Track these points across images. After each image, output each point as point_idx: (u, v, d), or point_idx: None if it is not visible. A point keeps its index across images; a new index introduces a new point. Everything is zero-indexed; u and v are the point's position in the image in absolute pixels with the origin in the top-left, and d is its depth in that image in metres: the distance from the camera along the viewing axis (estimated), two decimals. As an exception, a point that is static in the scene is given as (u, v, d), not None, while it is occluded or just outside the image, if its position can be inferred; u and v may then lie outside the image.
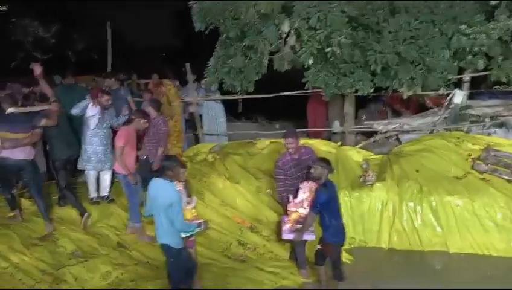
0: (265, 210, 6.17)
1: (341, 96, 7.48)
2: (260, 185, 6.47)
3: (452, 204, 5.70)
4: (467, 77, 7.23)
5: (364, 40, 6.22)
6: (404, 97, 6.75)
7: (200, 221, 4.67)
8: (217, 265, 5.31)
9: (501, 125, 7.23)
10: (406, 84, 6.31)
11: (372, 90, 6.62)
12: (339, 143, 7.51)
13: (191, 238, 4.71)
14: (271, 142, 7.49)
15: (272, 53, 6.69)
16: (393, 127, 7.84)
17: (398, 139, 7.88)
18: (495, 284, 4.97)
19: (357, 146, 7.60)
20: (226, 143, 8.08)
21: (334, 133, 8.04)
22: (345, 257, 5.31)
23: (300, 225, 4.80)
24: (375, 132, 7.94)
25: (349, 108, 7.78)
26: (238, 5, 6.38)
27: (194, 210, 4.79)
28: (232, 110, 9.24)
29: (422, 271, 5.29)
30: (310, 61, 6.33)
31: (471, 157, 6.32)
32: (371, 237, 5.90)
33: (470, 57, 6.41)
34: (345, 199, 5.90)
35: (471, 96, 7.62)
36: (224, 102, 8.76)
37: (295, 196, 4.97)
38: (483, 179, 5.96)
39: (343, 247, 4.96)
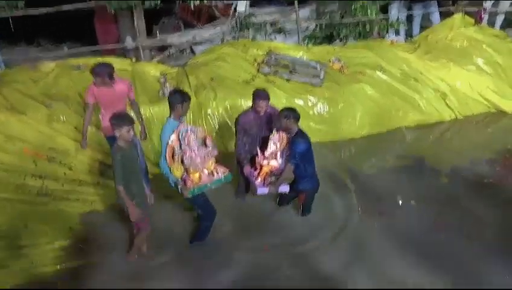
0: (61, 138, 5.65)
1: (129, 10, 7.08)
2: (51, 113, 5.86)
3: (244, 106, 6.23)
4: (247, -16, 7.65)
5: None
6: (192, 7, 6.79)
7: None
8: (12, 205, 4.80)
9: (280, 30, 8.06)
10: (193, -10, 6.33)
11: (159, 1, 6.43)
12: (134, 59, 7.25)
13: None
14: (57, 65, 6.74)
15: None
16: (186, 39, 7.93)
17: (192, 51, 8.06)
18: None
19: (153, 60, 7.48)
20: (1, 70, 6.93)
21: (128, 49, 7.69)
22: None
23: (274, 177, 4.56)
24: (170, 46, 7.91)
25: (139, 22, 7.44)
26: None
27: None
28: (7, 33, 7.78)
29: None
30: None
31: (257, 61, 6.91)
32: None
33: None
34: (147, 115, 5.87)
35: (252, 5, 8.14)
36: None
37: (263, 149, 4.58)
38: (267, 80, 6.63)
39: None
